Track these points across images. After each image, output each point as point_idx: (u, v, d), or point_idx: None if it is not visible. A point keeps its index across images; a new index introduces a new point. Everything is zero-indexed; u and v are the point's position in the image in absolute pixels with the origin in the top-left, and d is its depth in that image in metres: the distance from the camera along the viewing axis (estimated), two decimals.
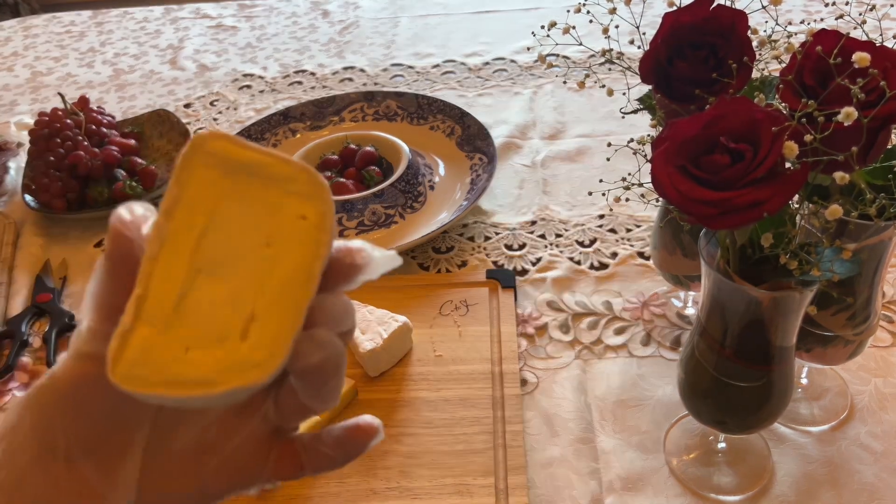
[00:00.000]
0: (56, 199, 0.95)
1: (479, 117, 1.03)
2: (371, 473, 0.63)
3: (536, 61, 1.24)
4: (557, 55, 1.24)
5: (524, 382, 0.71)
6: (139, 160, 1.01)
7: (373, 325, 0.71)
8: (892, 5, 0.99)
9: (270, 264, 0.29)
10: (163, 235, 0.29)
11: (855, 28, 0.50)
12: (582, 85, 0.61)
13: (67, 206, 0.96)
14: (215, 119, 1.17)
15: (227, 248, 0.29)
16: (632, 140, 0.54)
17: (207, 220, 0.29)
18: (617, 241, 0.86)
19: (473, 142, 1.01)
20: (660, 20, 0.52)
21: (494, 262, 0.85)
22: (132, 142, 1.04)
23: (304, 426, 0.36)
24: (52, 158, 0.96)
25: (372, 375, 0.71)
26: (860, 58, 0.41)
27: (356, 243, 0.30)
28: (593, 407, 0.68)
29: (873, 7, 0.51)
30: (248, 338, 0.28)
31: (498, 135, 1.05)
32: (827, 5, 0.54)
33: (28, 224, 0.97)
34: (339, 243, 0.30)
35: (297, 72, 1.29)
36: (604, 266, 0.83)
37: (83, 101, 1.05)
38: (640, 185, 0.50)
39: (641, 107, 0.60)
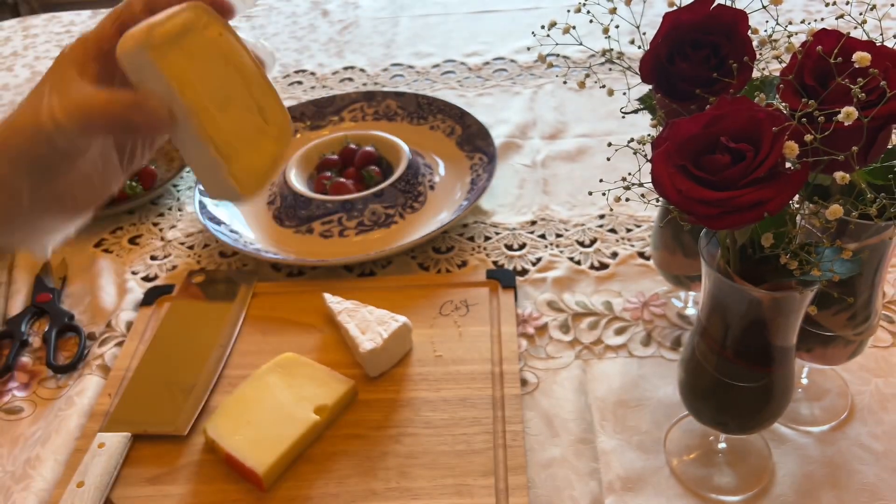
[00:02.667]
0: None
1: (479, 117, 1.03)
2: (371, 474, 0.63)
3: (536, 61, 1.24)
4: (557, 55, 1.23)
5: (524, 382, 0.71)
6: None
7: (373, 326, 0.71)
8: (892, 5, 0.98)
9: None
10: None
11: (855, 28, 0.50)
12: (582, 85, 0.61)
13: None
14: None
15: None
16: (632, 140, 0.54)
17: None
18: (617, 240, 0.86)
19: (473, 141, 1.01)
20: (660, 20, 0.52)
21: (494, 262, 0.85)
22: None
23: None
24: None
25: (372, 375, 0.71)
26: (860, 57, 0.41)
27: None
28: (593, 407, 0.68)
29: (874, 7, 0.51)
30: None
31: (498, 134, 1.05)
32: (827, 5, 0.53)
33: None
34: None
35: (296, 71, 1.29)
36: (604, 266, 0.83)
37: None
38: (641, 184, 0.49)
39: (642, 106, 0.60)
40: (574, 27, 0.56)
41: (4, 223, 0.43)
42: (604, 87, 0.59)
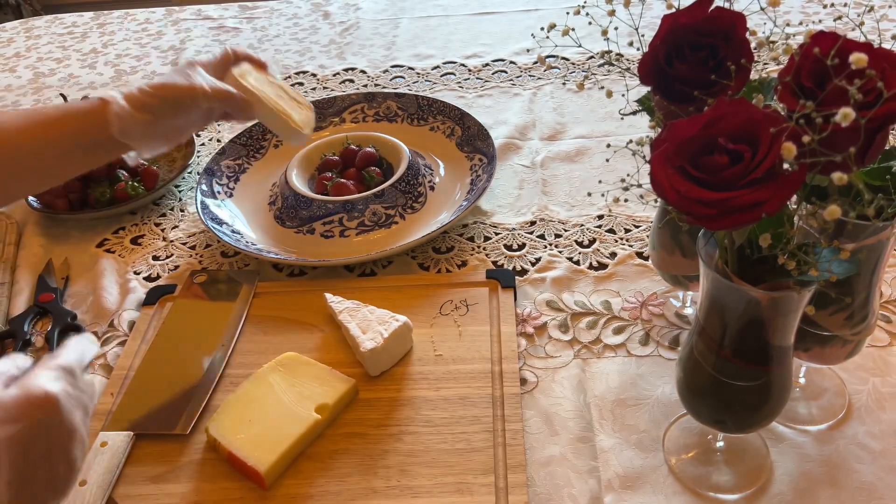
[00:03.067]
0: (58, 200, 0.95)
1: (479, 118, 1.03)
2: (371, 472, 0.63)
3: (536, 63, 1.24)
4: (557, 57, 1.24)
5: (524, 381, 0.71)
6: (141, 161, 1.01)
7: (373, 325, 0.71)
8: (889, 6, 0.99)
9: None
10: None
11: (853, 29, 0.50)
12: (581, 86, 0.61)
13: (70, 206, 0.96)
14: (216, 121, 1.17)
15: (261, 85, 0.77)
16: (630, 141, 0.54)
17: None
18: (616, 241, 0.87)
19: (473, 142, 1.01)
20: (659, 22, 0.52)
21: (494, 262, 0.86)
22: None
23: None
24: None
25: (372, 375, 0.71)
26: (858, 59, 0.41)
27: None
28: (592, 406, 0.69)
29: (871, 8, 0.52)
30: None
31: (497, 135, 1.06)
32: (825, 7, 0.54)
33: (30, 224, 0.97)
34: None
35: (298, 73, 1.29)
36: (603, 266, 0.84)
37: None
38: (639, 185, 0.50)
39: (640, 108, 0.61)
40: (573, 29, 0.57)
41: (145, 136, 0.69)
42: (602, 88, 0.59)
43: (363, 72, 1.28)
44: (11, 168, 0.65)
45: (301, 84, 1.26)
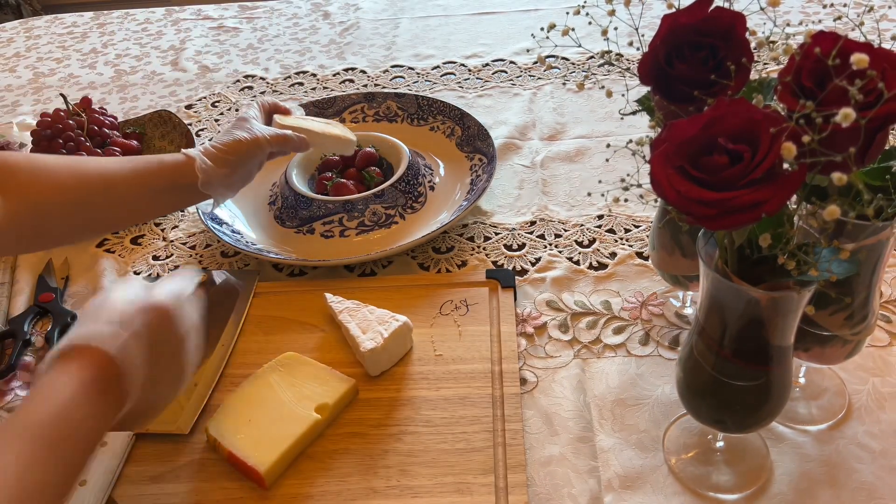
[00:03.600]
0: None
1: (479, 118, 1.03)
2: (371, 472, 0.63)
3: (536, 63, 1.24)
4: (556, 57, 1.24)
5: (524, 381, 0.71)
6: None
7: (373, 325, 0.71)
8: (889, 6, 0.99)
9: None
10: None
11: (853, 29, 0.50)
12: (581, 86, 0.61)
13: None
14: (217, 120, 1.18)
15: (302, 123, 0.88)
16: (630, 141, 0.54)
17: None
18: (616, 241, 0.87)
19: (473, 142, 1.01)
20: (658, 22, 0.52)
21: (494, 262, 0.86)
22: (134, 143, 1.04)
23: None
24: None
25: (372, 374, 0.71)
26: (858, 59, 0.41)
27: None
28: (592, 406, 0.69)
29: (871, 8, 0.52)
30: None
31: (497, 135, 1.06)
32: (825, 7, 0.54)
33: None
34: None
35: (298, 73, 1.29)
36: (602, 266, 0.84)
37: (85, 102, 1.05)
38: (639, 185, 0.50)
39: (640, 108, 0.61)
40: (573, 29, 0.56)
41: (222, 186, 0.77)
42: (602, 88, 0.59)
43: (363, 72, 1.28)
44: (118, 208, 0.74)
45: (301, 84, 1.26)
